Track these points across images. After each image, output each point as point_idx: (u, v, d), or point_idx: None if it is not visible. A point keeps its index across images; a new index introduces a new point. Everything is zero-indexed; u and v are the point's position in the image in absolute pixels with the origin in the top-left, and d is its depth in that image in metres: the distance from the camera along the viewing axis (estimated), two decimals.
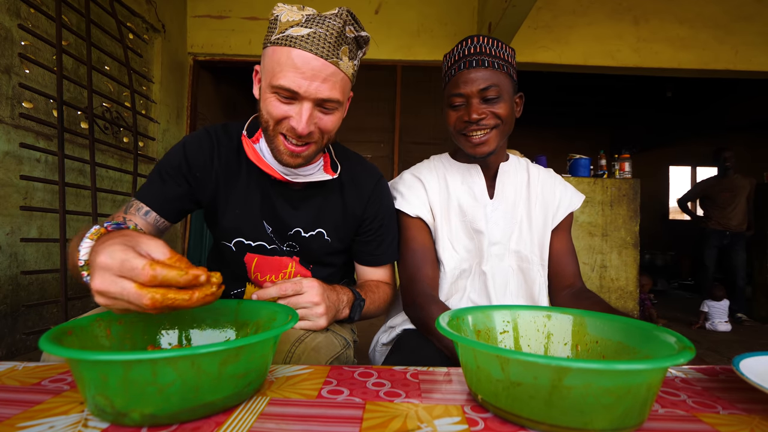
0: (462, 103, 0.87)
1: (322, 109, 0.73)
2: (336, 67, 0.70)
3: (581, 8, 3.43)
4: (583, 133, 7.20)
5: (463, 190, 0.96)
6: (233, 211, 0.83)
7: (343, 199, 0.88)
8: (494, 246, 0.94)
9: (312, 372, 0.51)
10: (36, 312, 2.18)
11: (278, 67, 0.68)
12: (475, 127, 0.86)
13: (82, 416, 0.39)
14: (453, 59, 0.90)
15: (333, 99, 0.71)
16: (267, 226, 0.85)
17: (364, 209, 0.89)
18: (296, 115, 0.70)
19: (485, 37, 0.88)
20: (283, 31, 0.69)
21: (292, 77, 0.68)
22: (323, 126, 0.74)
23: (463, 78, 0.86)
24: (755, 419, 0.41)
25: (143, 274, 0.41)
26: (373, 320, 0.97)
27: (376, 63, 3.58)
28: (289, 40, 0.68)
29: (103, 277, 0.42)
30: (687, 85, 5.07)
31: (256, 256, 0.86)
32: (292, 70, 0.68)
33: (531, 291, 0.95)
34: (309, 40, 0.67)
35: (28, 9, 2.07)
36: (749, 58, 3.41)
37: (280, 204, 0.84)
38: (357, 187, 0.89)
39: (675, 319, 3.77)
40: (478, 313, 0.55)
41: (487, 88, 0.85)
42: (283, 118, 0.72)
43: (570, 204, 0.99)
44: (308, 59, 0.67)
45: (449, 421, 0.39)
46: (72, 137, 2.29)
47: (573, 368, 0.34)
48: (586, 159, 3.36)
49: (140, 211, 0.79)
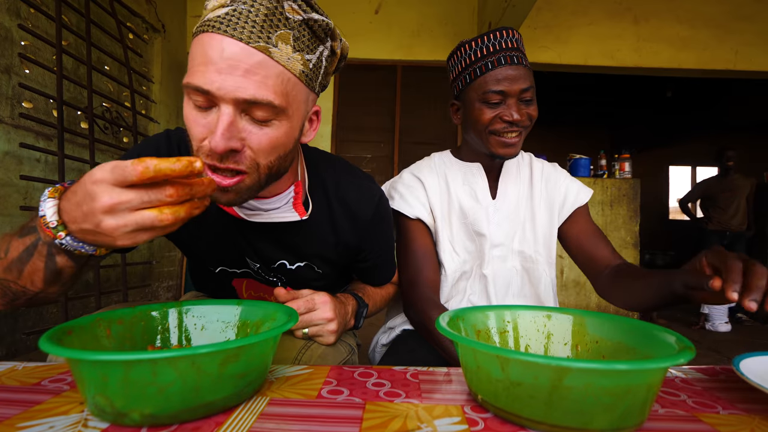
0: (500, 101, 0.83)
1: (251, 120, 0.52)
2: (265, 55, 0.50)
3: (581, 8, 3.43)
4: (583, 132, 7.21)
5: (465, 190, 0.94)
6: (207, 243, 0.72)
7: (335, 230, 0.75)
8: (496, 248, 0.92)
9: (312, 372, 0.51)
10: (36, 312, 2.18)
11: (190, 63, 0.52)
12: (511, 129, 0.84)
13: (82, 416, 0.39)
14: (485, 50, 0.84)
15: (262, 101, 0.50)
16: (252, 263, 0.75)
17: (360, 240, 0.77)
18: (213, 126, 0.51)
19: (517, 32, 0.85)
20: (204, 18, 0.52)
21: (202, 72, 0.49)
22: (253, 144, 0.52)
23: (505, 74, 0.82)
24: (755, 419, 0.41)
25: (134, 170, 0.38)
26: (372, 320, 0.96)
27: (376, 63, 3.58)
28: (206, 24, 0.51)
29: (103, 192, 0.40)
30: (687, 85, 5.07)
31: (245, 280, 0.81)
32: (203, 64, 0.50)
33: (537, 290, 0.93)
34: (225, 20, 0.49)
35: (28, 9, 2.07)
36: (749, 58, 3.41)
37: (257, 239, 0.71)
38: (351, 216, 0.74)
39: (675, 319, 3.77)
40: (478, 313, 0.55)
41: (527, 89, 0.82)
42: (200, 137, 0.53)
43: (576, 199, 0.95)
44: (223, 45, 0.49)
45: (449, 421, 0.39)
46: (72, 137, 2.29)
47: (573, 368, 0.34)
48: (586, 159, 3.37)
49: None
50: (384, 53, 3.55)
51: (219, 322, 0.56)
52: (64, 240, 0.46)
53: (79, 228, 0.44)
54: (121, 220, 0.41)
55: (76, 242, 0.47)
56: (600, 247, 0.91)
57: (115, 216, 0.41)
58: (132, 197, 0.41)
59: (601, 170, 3.69)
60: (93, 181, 0.41)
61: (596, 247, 0.91)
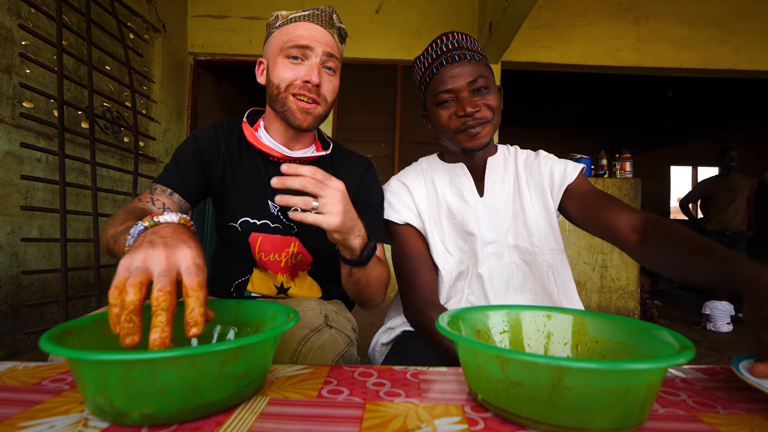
0: (451, 98, 0.85)
1: (326, 70, 0.84)
2: (333, 38, 0.85)
3: (582, 8, 3.43)
4: (584, 132, 7.20)
5: (452, 191, 0.95)
6: (239, 192, 0.89)
7: (337, 176, 0.86)
8: (489, 245, 0.91)
9: (312, 372, 0.51)
10: (36, 312, 2.19)
11: (287, 37, 0.82)
12: (472, 121, 0.84)
13: (82, 416, 0.39)
14: (430, 59, 0.88)
15: (336, 56, 0.84)
16: (272, 204, 0.89)
17: (357, 186, 0.94)
18: (307, 69, 0.81)
19: (459, 33, 0.88)
20: (287, 18, 0.84)
21: (302, 38, 0.81)
22: (327, 84, 0.84)
23: (449, 74, 0.84)
24: (755, 419, 0.41)
25: (111, 292, 0.43)
26: (372, 320, 0.97)
27: (376, 63, 3.58)
28: (295, 19, 0.84)
29: (124, 265, 0.45)
30: (688, 85, 5.07)
31: (261, 235, 0.90)
32: (300, 35, 0.81)
33: (542, 282, 0.91)
34: (311, 16, 0.84)
35: (28, 9, 2.07)
36: (750, 57, 3.41)
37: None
38: (350, 165, 0.96)
39: (676, 319, 3.76)
40: (478, 313, 0.55)
41: (476, 80, 0.83)
42: (294, 79, 0.81)
43: (564, 177, 0.91)
44: (313, 27, 0.83)
45: (449, 420, 0.39)
46: (72, 137, 2.29)
47: (573, 368, 0.34)
48: (587, 159, 3.36)
49: (165, 192, 0.84)
50: (384, 53, 3.55)
51: (219, 321, 0.56)
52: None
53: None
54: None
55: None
56: (611, 214, 0.81)
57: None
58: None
59: (602, 170, 3.69)
60: (132, 258, 0.46)
61: (606, 213, 0.82)
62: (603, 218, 0.82)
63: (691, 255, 0.64)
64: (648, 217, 0.77)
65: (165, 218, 0.55)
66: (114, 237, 0.66)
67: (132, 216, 0.70)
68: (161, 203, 0.82)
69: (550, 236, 0.92)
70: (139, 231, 0.54)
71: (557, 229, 0.93)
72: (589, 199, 0.88)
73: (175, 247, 0.47)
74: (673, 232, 0.70)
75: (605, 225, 0.82)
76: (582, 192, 0.90)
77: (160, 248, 0.46)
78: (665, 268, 0.71)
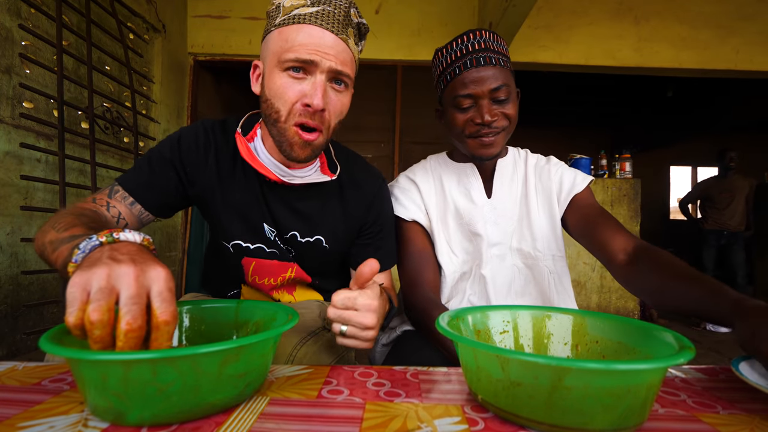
0: (471, 104, 0.83)
1: (334, 86, 0.70)
2: (346, 45, 0.69)
3: (582, 8, 3.43)
4: (583, 132, 7.19)
5: (460, 191, 0.94)
6: (230, 213, 0.80)
7: (343, 202, 0.84)
8: (494, 247, 0.91)
9: (312, 372, 0.51)
10: (36, 312, 2.19)
11: (288, 44, 0.67)
12: (487, 130, 0.83)
13: (82, 416, 0.39)
14: (454, 55, 0.84)
15: (345, 73, 0.70)
16: (269, 229, 0.81)
17: (365, 213, 0.85)
18: (310, 89, 0.67)
19: (487, 32, 0.84)
20: (289, 13, 0.68)
21: (305, 49, 0.66)
22: (333, 107, 0.71)
23: (471, 77, 0.81)
24: (755, 419, 0.41)
25: (69, 324, 0.38)
26: None
27: (376, 63, 3.58)
28: (298, 18, 0.67)
29: (80, 277, 0.39)
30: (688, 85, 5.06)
31: (254, 260, 0.83)
32: (303, 44, 0.66)
33: (541, 288, 0.92)
34: (319, 16, 0.67)
35: (28, 9, 2.07)
36: (750, 57, 3.41)
37: (276, 206, 0.80)
38: (358, 189, 0.85)
39: (676, 320, 3.76)
40: (477, 313, 0.55)
41: (499, 89, 0.81)
42: (296, 101, 0.68)
43: (573, 187, 0.91)
44: (320, 33, 0.67)
45: (449, 421, 0.39)
46: (72, 137, 2.29)
47: (573, 368, 0.34)
48: (586, 159, 3.36)
49: (125, 200, 0.73)
50: (384, 53, 3.55)
51: (219, 322, 0.56)
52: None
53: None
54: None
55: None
56: (607, 232, 0.82)
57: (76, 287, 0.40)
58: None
59: (601, 170, 3.69)
60: (92, 270, 0.40)
61: (602, 232, 0.83)
62: (598, 235, 0.83)
63: (680, 282, 0.64)
64: (642, 243, 0.78)
65: (126, 236, 0.48)
66: (53, 243, 0.55)
67: (80, 221, 0.59)
68: (117, 211, 0.72)
69: (553, 242, 0.92)
70: (93, 246, 0.46)
71: (560, 236, 0.94)
72: (589, 213, 0.88)
73: (146, 265, 0.41)
74: (664, 259, 0.71)
75: (599, 242, 0.83)
76: (585, 205, 0.91)
77: (128, 265, 0.40)
78: (652, 294, 0.71)
